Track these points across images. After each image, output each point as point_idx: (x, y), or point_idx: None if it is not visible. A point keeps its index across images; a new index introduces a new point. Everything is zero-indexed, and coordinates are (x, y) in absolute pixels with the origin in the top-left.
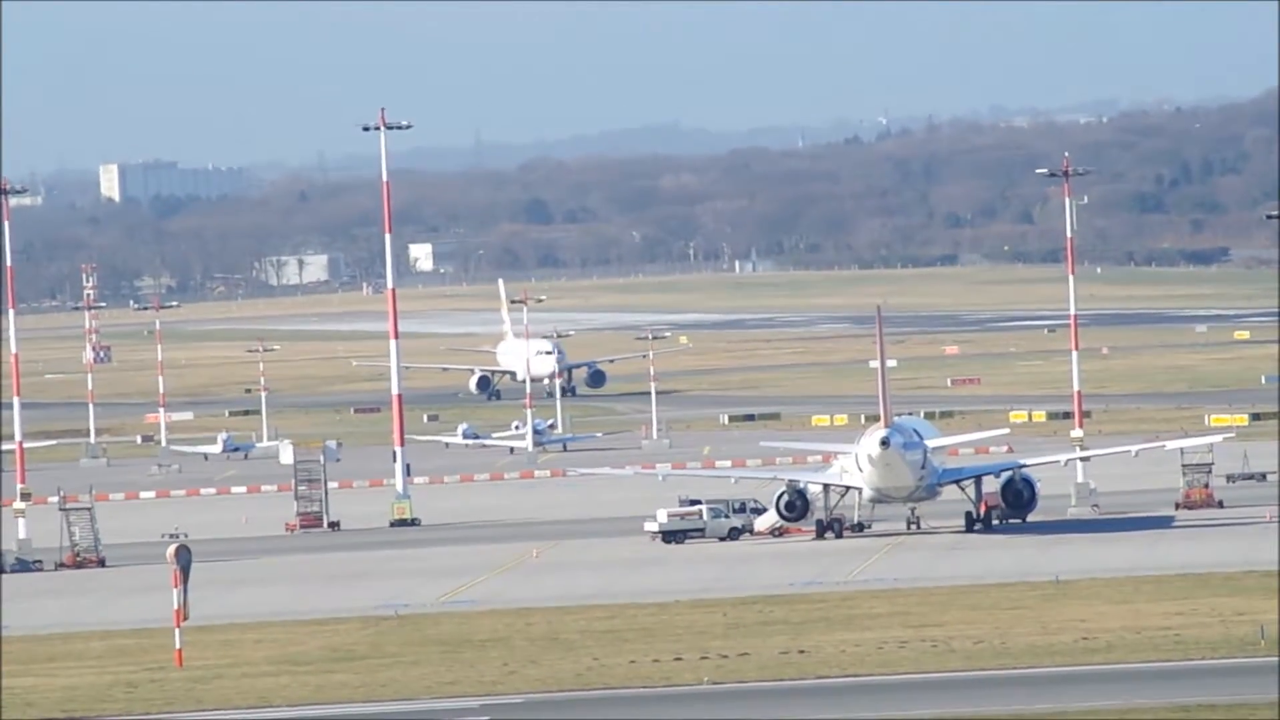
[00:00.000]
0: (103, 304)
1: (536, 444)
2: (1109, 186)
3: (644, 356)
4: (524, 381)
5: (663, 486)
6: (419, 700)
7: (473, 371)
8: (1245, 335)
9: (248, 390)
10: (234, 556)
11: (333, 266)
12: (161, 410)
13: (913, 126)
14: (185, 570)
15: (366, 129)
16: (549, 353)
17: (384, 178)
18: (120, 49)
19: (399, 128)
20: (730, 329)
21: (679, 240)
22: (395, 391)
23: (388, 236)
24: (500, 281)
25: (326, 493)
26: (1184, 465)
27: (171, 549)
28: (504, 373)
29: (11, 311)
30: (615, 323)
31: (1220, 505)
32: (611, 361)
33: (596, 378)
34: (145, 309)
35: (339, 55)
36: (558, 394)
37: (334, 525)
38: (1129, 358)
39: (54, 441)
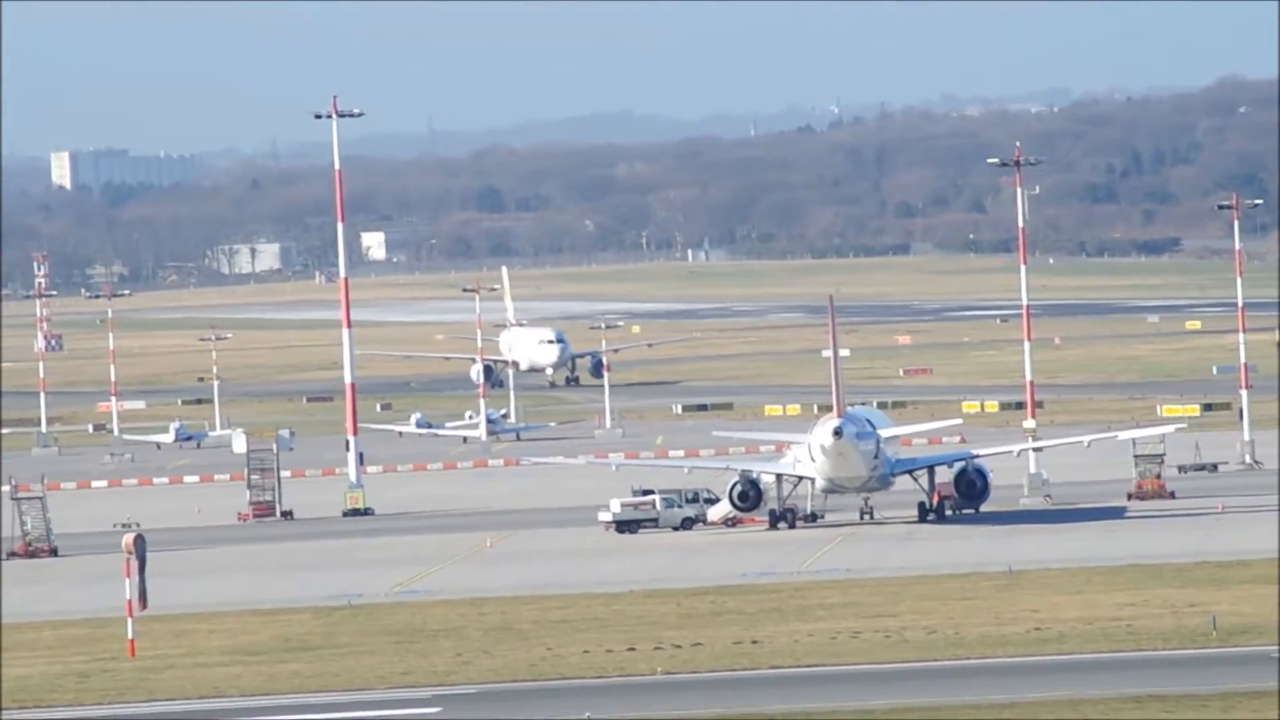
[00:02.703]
0: (54, 292)
1: (490, 433)
2: (1061, 176)
3: (648, 346)
4: (527, 371)
5: (616, 476)
6: (372, 690)
7: (474, 361)
8: (1197, 325)
9: (200, 379)
10: (187, 546)
11: (285, 255)
12: (114, 399)
13: (865, 115)
14: (142, 560)
15: (319, 117)
16: (552, 342)
17: (336, 166)
18: (72, 37)
19: (351, 115)
20: (683, 318)
21: (632, 229)
22: (348, 380)
23: (340, 225)
24: (504, 269)
25: (279, 482)
26: (1136, 456)
27: (129, 538)
28: (506, 362)
29: None
30: (568, 312)
31: (1172, 496)
32: (616, 351)
33: (599, 367)
34: (97, 297)
35: (292, 43)
36: (517, 383)
37: (287, 514)
38: (1081, 348)
39: (5, 430)
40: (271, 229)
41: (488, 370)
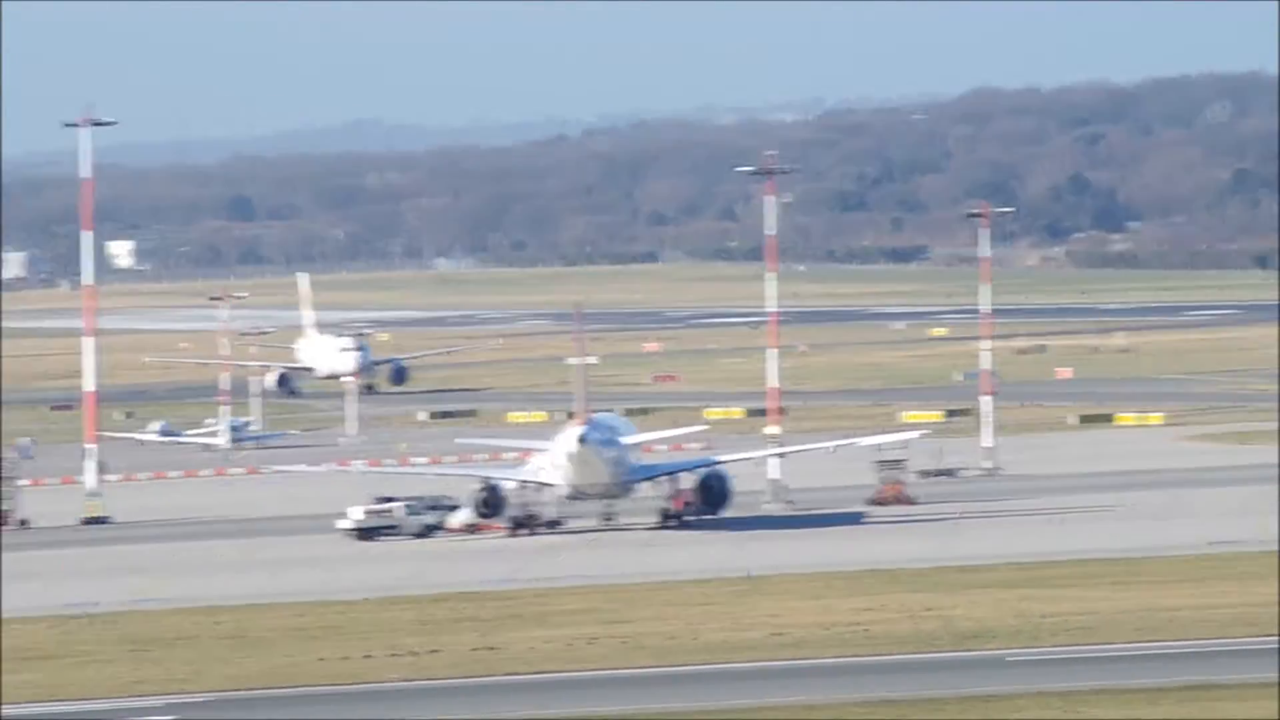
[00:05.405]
0: None
1: (233, 441)
2: (812, 184)
3: (447, 352)
4: (326, 378)
5: (359, 484)
6: (105, 700)
7: (269, 368)
8: (942, 332)
9: None
10: None
11: (31, 263)
12: None
13: (620, 124)
14: None
15: (69, 125)
16: (351, 349)
17: (87, 175)
18: None
19: (103, 124)
20: (432, 326)
21: (383, 238)
22: (89, 388)
23: (88, 234)
24: (303, 275)
25: (16, 490)
26: (878, 462)
27: None
28: (304, 369)
29: None
30: (318, 321)
31: (913, 502)
32: (415, 358)
33: (399, 374)
34: None
35: (41, 51)
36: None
37: (23, 523)
38: (827, 354)
39: None
40: (18, 237)
41: (284, 378)
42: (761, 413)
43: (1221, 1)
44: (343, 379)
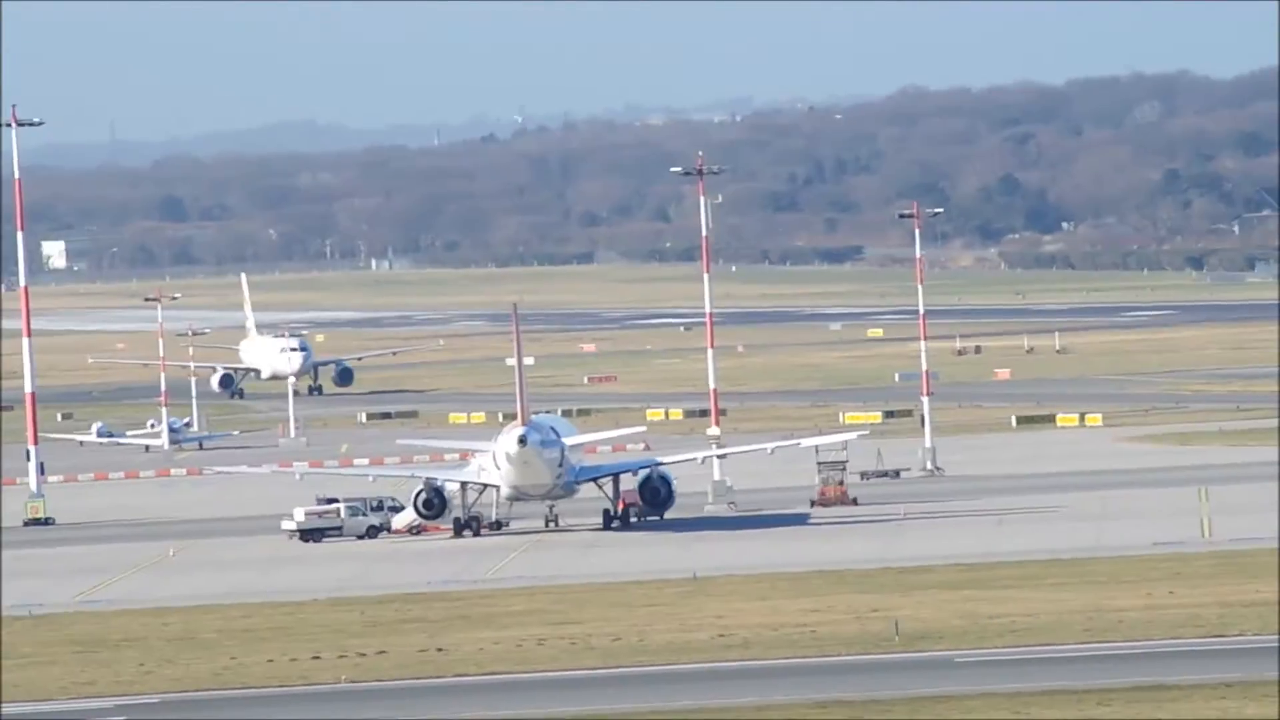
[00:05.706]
0: None
1: (173, 442)
2: (743, 185)
3: (392, 354)
4: (269, 379)
5: (300, 485)
6: (54, 701)
7: (215, 369)
8: (879, 333)
9: None
10: None
11: None
12: None
13: (550, 125)
14: None
15: None
16: (294, 350)
17: (16, 175)
18: None
19: (31, 124)
20: (368, 327)
21: (316, 238)
22: (29, 389)
23: (20, 234)
24: (243, 275)
25: None
26: (819, 463)
27: None
28: (247, 370)
29: None
30: (256, 321)
31: (855, 502)
32: (359, 359)
33: (344, 375)
34: None
35: None
36: (290, 393)
37: None
38: (764, 355)
39: None
40: None
41: (228, 378)
42: (700, 413)
43: (1147, 2)
44: (287, 379)
